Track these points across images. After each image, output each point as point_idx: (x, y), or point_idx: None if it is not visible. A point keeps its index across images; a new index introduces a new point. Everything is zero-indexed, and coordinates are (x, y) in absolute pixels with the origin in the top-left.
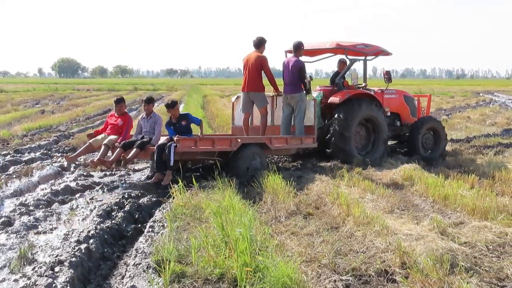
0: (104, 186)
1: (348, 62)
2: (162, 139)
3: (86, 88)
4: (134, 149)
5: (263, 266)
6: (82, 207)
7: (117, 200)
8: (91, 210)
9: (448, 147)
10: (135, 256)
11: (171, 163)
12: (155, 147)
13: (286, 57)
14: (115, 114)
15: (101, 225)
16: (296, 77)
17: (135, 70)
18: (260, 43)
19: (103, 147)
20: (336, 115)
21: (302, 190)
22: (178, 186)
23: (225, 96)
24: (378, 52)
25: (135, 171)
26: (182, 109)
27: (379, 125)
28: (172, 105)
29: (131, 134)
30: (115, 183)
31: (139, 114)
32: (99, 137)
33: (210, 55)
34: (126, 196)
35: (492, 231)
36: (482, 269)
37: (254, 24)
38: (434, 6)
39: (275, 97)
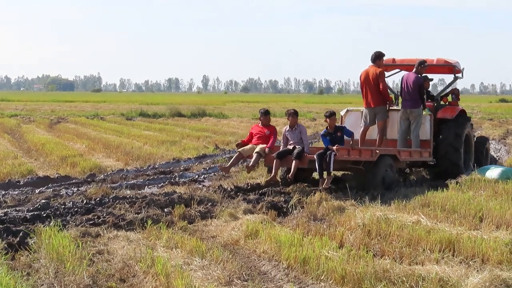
0: None
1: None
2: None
3: None
4: (293, 162)
5: None
6: None
7: None
8: None
9: (311, 191)
10: None
11: (331, 170)
12: (315, 156)
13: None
14: (259, 125)
15: None
16: (416, 93)
17: None
18: (377, 58)
19: (255, 155)
20: (448, 130)
21: (101, 255)
22: None
23: None
24: (461, 70)
25: None
26: None
27: (470, 144)
28: (331, 115)
29: (277, 145)
30: None
31: None
32: (248, 147)
33: None
34: None
35: None
36: None
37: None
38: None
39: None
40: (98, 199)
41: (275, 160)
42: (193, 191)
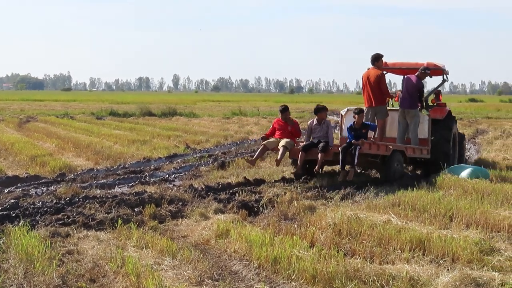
0: None
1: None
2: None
3: None
4: (319, 155)
5: None
6: None
7: None
8: None
9: (282, 191)
10: None
11: (356, 162)
12: (340, 149)
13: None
14: (281, 120)
15: None
16: (414, 95)
17: None
18: (375, 60)
19: (281, 149)
20: (439, 131)
21: (71, 255)
22: None
23: None
24: (447, 73)
25: None
26: None
27: (456, 143)
28: (359, 112)
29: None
30: None
31: None
32: (272, 140)
33: None
34: None
35: None
36: None
37: None
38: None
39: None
40: (68, 198)
41: (300, 153)
42: (163, 191)
